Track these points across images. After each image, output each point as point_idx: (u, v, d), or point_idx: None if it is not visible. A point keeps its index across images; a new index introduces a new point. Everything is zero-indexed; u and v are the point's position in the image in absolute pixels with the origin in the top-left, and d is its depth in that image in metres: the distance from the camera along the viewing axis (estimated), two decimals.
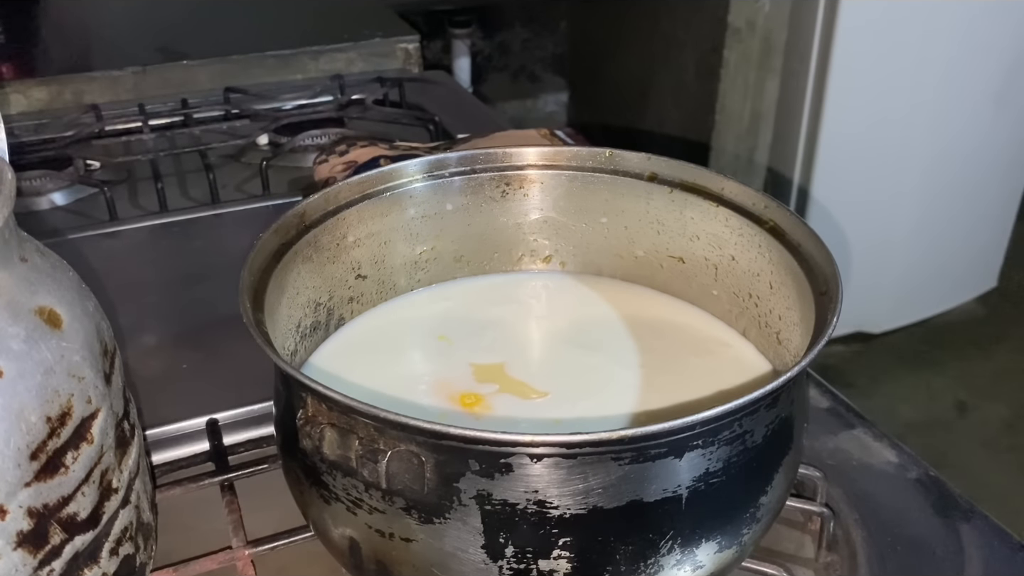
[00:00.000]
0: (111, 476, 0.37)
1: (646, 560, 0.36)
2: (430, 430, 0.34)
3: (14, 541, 0.32)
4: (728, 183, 0.50)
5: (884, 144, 1.67)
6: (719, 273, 0.51)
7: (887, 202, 1.74)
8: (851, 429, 0.56)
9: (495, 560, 0.36)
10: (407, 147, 0.81)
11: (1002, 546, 0.48)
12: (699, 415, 0.33)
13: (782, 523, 0.49)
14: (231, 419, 0.56)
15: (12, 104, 1.04)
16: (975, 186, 1.80)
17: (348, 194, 0.50)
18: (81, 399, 0.34)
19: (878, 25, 1.56)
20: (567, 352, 0.51)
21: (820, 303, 0.41)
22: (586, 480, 0.34)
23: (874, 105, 1.63)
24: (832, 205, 1.70)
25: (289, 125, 0.97)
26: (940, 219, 1.80)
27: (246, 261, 0.43)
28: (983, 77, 1.69)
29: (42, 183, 0.87)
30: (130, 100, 1.05)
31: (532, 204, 0.55)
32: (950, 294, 1.95)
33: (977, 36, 1.63)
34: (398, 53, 1.19)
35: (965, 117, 1.71)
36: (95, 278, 0.45)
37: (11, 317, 0.32)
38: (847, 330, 1.85)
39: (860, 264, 1.67)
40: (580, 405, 0.46)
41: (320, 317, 0.50)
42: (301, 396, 0.38)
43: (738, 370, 0.49)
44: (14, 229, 0.34)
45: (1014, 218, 1.93)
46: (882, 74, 1.60)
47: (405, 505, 0.36)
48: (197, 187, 0.88)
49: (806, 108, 1.66)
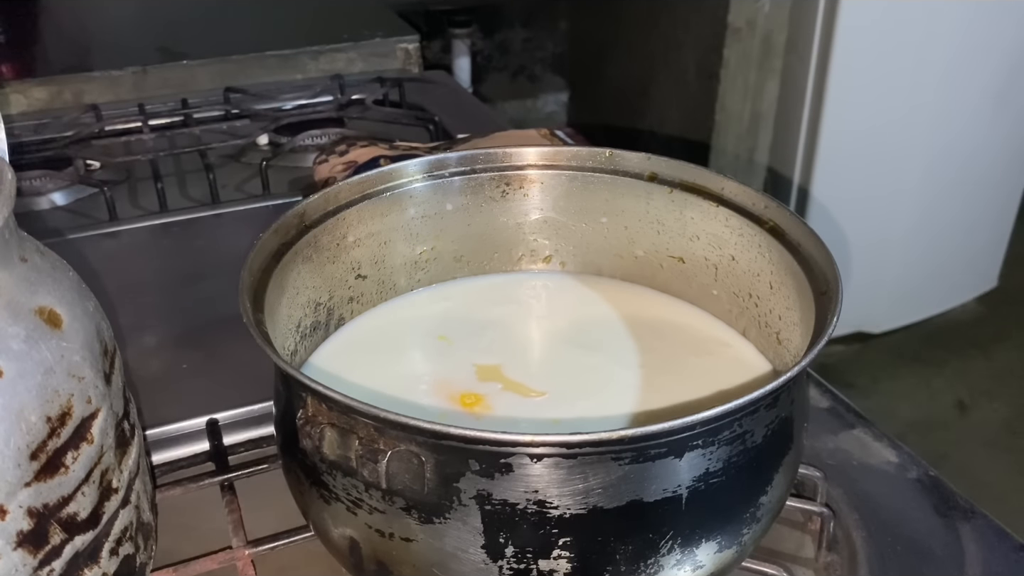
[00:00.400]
0: (111, 476, 0.37)
1: (646, 560, 0.36)
2: (430, 430, 0.34)
3: (14, 541, 0.32)
4: (728, 183, 0.50)
5: (884, 144, 1.67)
6: (719, 273, 0.51)
7: (887, 202, 1.74)
8: (851, 429, 0.56)
9: (495, 560, 0.36)
10: (407, 147, 0.81)
11: (1002, 546, 0.48)
12: (699, 415, 0.33)
13: (782, 523, 0.49)
14: (231, 419, 0.56)
15: (12, 104, 1.04)
16: (975, 186, 1.80)
17: (348, 194, 0.50)
18: (81, 399, 0.34)
19: (878, 25, 1.56)
20: (567, 352, 0.51)
21: (820, 303, 0.41)
22: (586, 480, 0.34)
23: (874, 105, 1.63)
24: (832, 205, 1.70)
25: (289, 125, 0.97)
26: (940, 219, 1.80)
27: (246, 261, 0.43)
28: (983, 77, 1.69)
29: (42, 183, 0.87)
30: (130, 100, 1.05)
31: (532, 204, 0.55)
32: (950, 294, 1.95)
33: (977, 36, 1.63)
34: (398, 53, 1.19)
35: (965, 117, 1.71)
36: (95, 278, 0.45)
37: (11, 317, 0.32)
38: (847, 330, 1.85)
39: (860, 264, 1.67)
40: (580, 405, 0.46)
41: (320, 317, 0.50)
42: (301, 396, 0.38)
43: (738, 370, 0.49)
44: (14, 229, 0.34)
45: (1014, 218, 1.93)
46: (882, 74, 1.60)
47: (405, 505, 0.36)
48: (197, 187, 0.88)
49: (806, 108, 1.66)
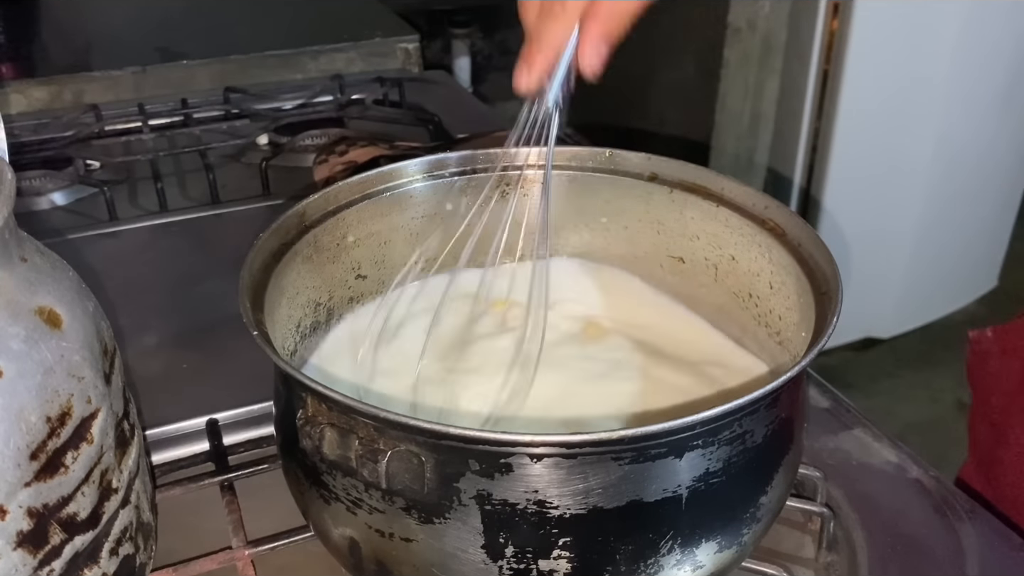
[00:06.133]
0: (111, 476, 0.37)
1: (646, 560, 0.36)
2: (430, 430, 0.34)
3: (14, 541, 0.32)
4: (728, 183, 0.50)
5: (885, 144, 1.67)
6: (719, 273, 0.51)
7: (889, 203, 1.73)
8: (851, 429, 0.56)
9: (495, 560, 0.36)
10: (407, 147, 0.81)
11: (1002, 546, 0.48)
12: (699, 415, 0.33)
13: (782, 523, 0.49)
14: (231, 419, 0.56)
15: (12, 104, 1.04)
16: (978, 186, 1.80)
17: (348, 194, 0.50)
18: (81, 399, 0.34)
19: (879, 25, 1.56)
20: (567, 351, 0.51)
21: (820, 303, 0.41)
22: (586, 480, 0.34)
23: (875, 105, 1.63)
24: (833, 205, 1.70)
25: (289, 125, 0.97)
26: (944, 220, 1.79)
27: (246, 261, 0.43)
28: (987, 79, 1.69)
29: (42, 183, 0.87)
30: (130, 100, 1.05)
31: (532, 204, 0.55)
32: (955, 296, 1.95)
33: (980, 38, 1.63)
34: (398, 53, 1.19)
35: (969, 118, 1.70)
36: (95, 278, 0.45)
37: (11, 317, 0.32)
38: (856, 336, 1.84)
39: (863, 267, 1.67)
40: (579, 405, 0.46)
41: (320, 317, 0.50)
42: (301, 396, 0.38)
43: (738, 370, 0.49)
44: (14, 229, 0.34)
45: (1014, 218, 1.93)
46: (883, 74, 1.60)
47: (405, 505, 0.36)
48: (197, 187, 0.88)
49: (806, 108, 1.66)
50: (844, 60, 1.56)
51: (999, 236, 1.94)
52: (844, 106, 1.60)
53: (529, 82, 0.44)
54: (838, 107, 1.61)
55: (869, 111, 1.62)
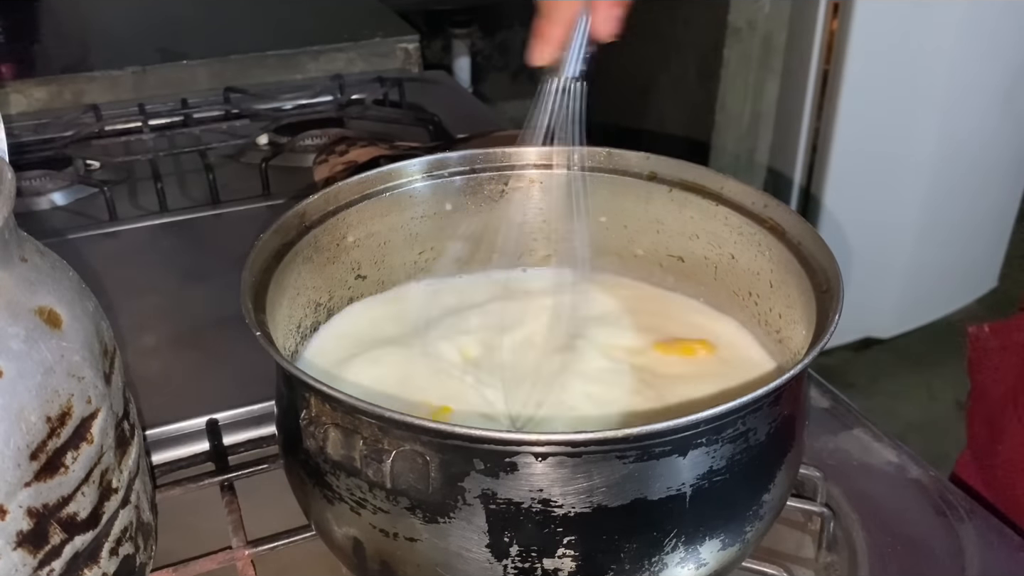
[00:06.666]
0: (111, 476, 0.37)
1: (650, 558, 0.36)
2: (435, 429, 0.34)
3: (14, 541, 0.32)
4: (728, 182, 0.50)
5: (885, 143, 1.67)
6: (719, 272, 0.51)
7: (889, 203, 1.74)
8: (851, 429, 0.56)
9: (500, 559, 0.36)
10: (407, 147, 0.81)
11: (1002, 546, 0.48)
12: (703, 413, 0.33)
13: (782, 523, 0.48)
14: (231, 419, 0.56)
15: (12, 104, 1.04)
16: (978, 186, 1.80)
17: (348, 194, 0.50)
18: (81, 399, 0.34)
19: (879, 25, 1.56)
20: (567, 351, 0.51)
21: (821, 301, 0.41)
22: (590, 479, 0.34)
23: (875, 105, 1.63)
24: (833, 205, 1.70)
25: (289, 125, 0.97)
26: (944, 220, 1.79)
27: (247, 262, 0.43)
28: (987, 78, 1.68)
29: (42, 183, 0.87)
30: (130, 100, 1.05)
31: (532, 204, 0.54)
32: (955, 296, 1.95)
33: (981, 38, 1.63)
34: (398, 53, 1.19)
35: (970, 118, 1.70)
36: (95, 278, 0.45)
37: (11, 317, 0.32)
38: (856, 336, 1.84)
39: (863, 267, 1.67)
40: (581, 404, 0.46)
41: (320, 317, 0.50)
42: (305, 396, 0.38)
43: (739, 369, 0.49)
44: (14, 229, 0.34)
45: (1014, 218, 1.93)
46: (883, 74, 1.60)
47: (409, 505, 0.36)
48: (197, 187, 0.88)
49: (806, 108, 1.66)
50: (844, 60, 1.57)
51: (999, 236, 1.94)
52: (844, 106, 1.60)
53: (543, 55, 0.44)
54: (838, 107, 1.61)
55: (869, 111, 1.62)
